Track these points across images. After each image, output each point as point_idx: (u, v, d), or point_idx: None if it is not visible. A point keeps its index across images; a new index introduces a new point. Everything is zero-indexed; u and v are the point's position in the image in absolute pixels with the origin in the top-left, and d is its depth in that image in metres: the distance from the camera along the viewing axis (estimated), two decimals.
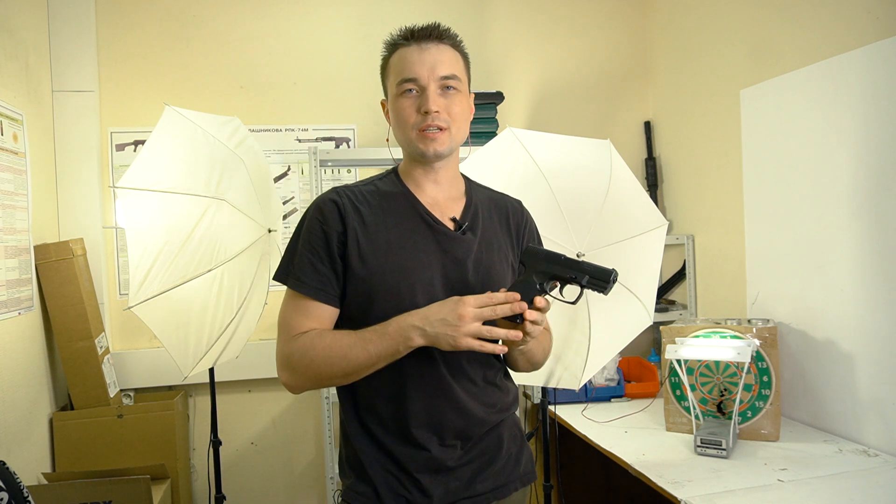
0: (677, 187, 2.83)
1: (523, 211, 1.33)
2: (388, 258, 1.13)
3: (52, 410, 2.27)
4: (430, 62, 1.14)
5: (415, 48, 1.16)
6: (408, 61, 1.15)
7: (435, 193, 1.22)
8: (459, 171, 1.29)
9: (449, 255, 1.17)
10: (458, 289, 1.14)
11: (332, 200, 1.16)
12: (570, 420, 2.30)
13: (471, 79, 1.25)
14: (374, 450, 1.16)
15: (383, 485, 1.14)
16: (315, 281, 1.13)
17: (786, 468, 1.72)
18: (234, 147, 2.01)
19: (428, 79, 1.14)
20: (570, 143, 1.83)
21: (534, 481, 1.30)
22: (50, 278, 2.19)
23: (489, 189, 1.33)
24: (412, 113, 1.15)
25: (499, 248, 1.23)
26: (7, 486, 1.50)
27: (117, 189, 1.82)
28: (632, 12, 2.98)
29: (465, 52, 1.23)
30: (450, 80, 1.15)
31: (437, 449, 1.15)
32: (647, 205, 1.87)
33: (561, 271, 1.09)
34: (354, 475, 1.18)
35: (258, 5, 2.66)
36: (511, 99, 2.80)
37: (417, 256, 1.14)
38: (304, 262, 1.14)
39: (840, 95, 1.89)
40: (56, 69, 2.43)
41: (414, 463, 1.14)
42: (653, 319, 1.83)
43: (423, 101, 1.14)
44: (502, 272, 1.22)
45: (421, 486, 1.14)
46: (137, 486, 1.92)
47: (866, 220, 1.84)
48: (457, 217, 1.21)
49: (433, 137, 1.14)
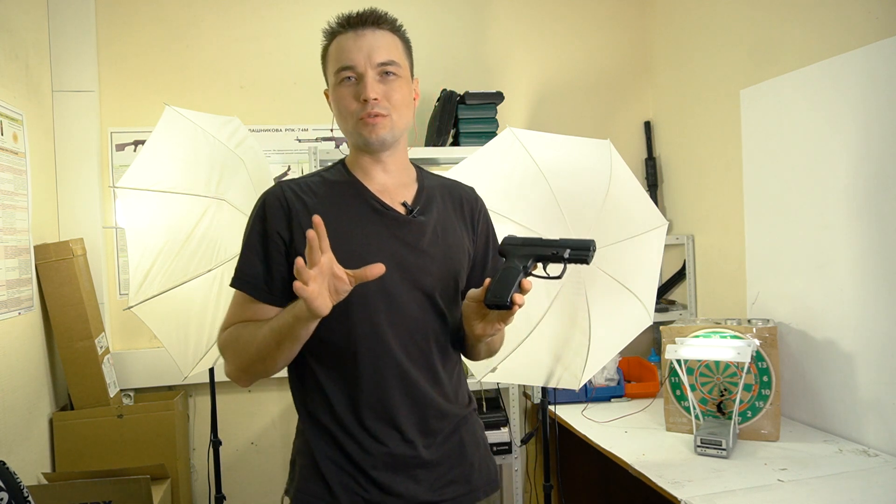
0: (677, 187, 2.83)
1: (477, 198, 1.32)
2: (337, 247, 1.05)
3: (52, 410, 2.27)
4: (366, 48, 1.12)
5: (351, 35, 1.13)
6: (345, 49, 1.13)
7: (384, 180, 1.19)
8: (409, 159, 1.27)
9: (400, 240, 1.15)
10: (413, 273, 1.13)
11: (276, 195, 1.15)
12: (570, 420, 2.30)
13: (413, 64, 1.22)
14: (328, 445, 1.13)
15: (338, 484, 1.11)
16: (250, 277, 1.12)
17: (786, 468, 1.72)
18: (234, 147, 2.01)
19: (365, 65, 1.11)
20: (570, 143, 1.83)
21: (497, 490, 1.26)
22: (50, 278, 2.19)
23: (442, 177, 1.31)
24: (351, 101, 1.13)
25: (453, 231, 1.21)
26: (7, 486, 1.50)
27: (117, 189, 1.82)
28: (632, 12, 2.98)
29: (405, 37, 1.21)
30: (388, 65, 1.13)
31: (396, 444, 1.12)
32: (647, 205, 1.87)
33: (542, 251, 1.12)
34: (305, 474, 1.14)
35: (258, 5, 2.66)
36: (511, 99, 2.80)
37: (367, 243, 1.12)
38: (243, 259, 1.13)
39: (840, 95, 1.89)
40: (56, 69, 2.43)
41: (371, 459, 1.11)
42: (653, 319, 1.83)
43: (361, 88, 1.11)
44: (458, 256, 1.20)
45: (379, 484, 1.11)
46: (137, 486, 1.92)
47: (866, 220, 1.83)
48: (408, 202, 1.19)
49: (374, 123, 1.12)
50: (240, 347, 1.10)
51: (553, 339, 1.71)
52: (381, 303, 1.11)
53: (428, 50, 2.77)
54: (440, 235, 1.19)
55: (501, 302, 1.04)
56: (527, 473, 2.77)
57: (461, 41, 2.81)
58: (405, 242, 1.15)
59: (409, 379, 1.13)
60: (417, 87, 1.23)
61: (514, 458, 2.60)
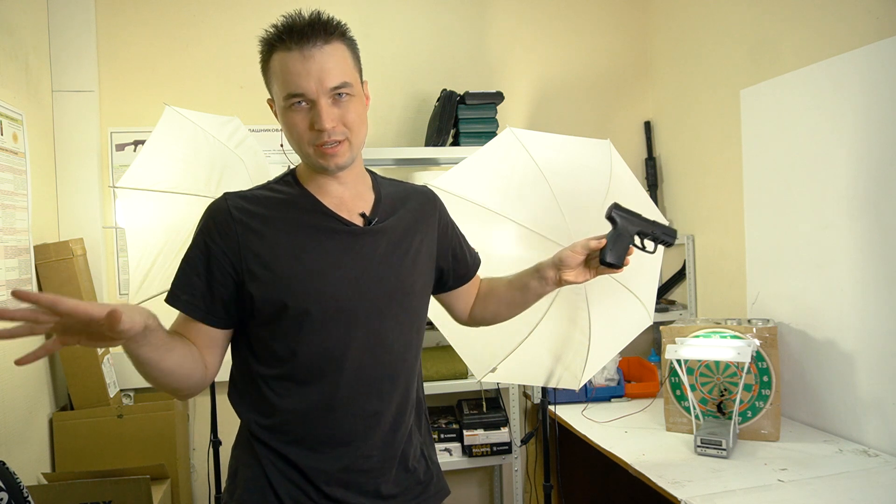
0: (677, 187, 2.83)
1: (434, 197, 1.30)
2: (293, 263, 1.07)
3: (52, 410, 2.26)
4: (316, 73, 1.02)
5: (297, 56, 1.03)
6: (292, 73, 1.03)
7: (340, 193, 1.14)
8: (364, 167, 1.22)
9: (358, 252, 1.11)
10: (372, 284, 1.11)
11: (221, 210, 1.09)
12: (570, 420, 2.30)
13: (361, 68, 1.14)
14: (277, 457, 1.10)
15: (287, 497, 1.09)
16: (186, 294, 1.07)
17: (786, 468, 1.72)
18: (234, 147, 2.01)
19: (317, 92, 1.03)
20: (570, 143, 1.83)
21: (448, 496, 1.28)
22: (50, 278, 2.19)
23: (396, 181, 1.29)
24: (305, 129, 1.05)
25: (414, 235, 1.20)
26: (7, 486, 1.50)
27: (117, 189, 1.82)
28: (632, 12, 2.99)
29: (351, 39, 1.11)
30: (341, 88, 1.05)
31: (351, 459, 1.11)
32: (647, 205, 1.87)
33: (646, 227, 1.30)
34: (251, 486, 1.11)
35: (258, 5, 2.66)
36: (511, 99, 2.80)
37: (325, 258, 1.09)
38: (181, 275, 1.08)
39: (840, 95, 1.89)
40: (56, 69, 2.43)
41: (324, 475, 1.10)
42: (653, 319, 1.83)
43: (315, 117, 1.04)
44: (420, 262, 1.19)
45: (333, 499, 1.10)
46: (137, 486, 1.92)
47: (866, 220, 1.83)
48: (366, 213, 1.15)
49: (333, 153, 1.06)
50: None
51: (553, 339, 1.71)
52: (341, 319, 1.09)
53: (428, 50, 2.78)
54: (399, 242, 1.17)
55: (619, 262, 1.24)
56: (527, 473, 2.77)
57: (461, 41, 2.81)
58: (362, 255, 1.12)
59: (370, 388, 1.12)
60: (367, 89, 1.16)
61: (514, 458, 2.60)
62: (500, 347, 1.72)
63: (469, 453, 2.55)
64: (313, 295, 1.07)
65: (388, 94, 2.75)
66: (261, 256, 1.07)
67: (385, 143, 2.74)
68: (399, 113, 2.78)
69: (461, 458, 2.55)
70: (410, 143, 2.77)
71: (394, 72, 2.74)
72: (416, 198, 1.26)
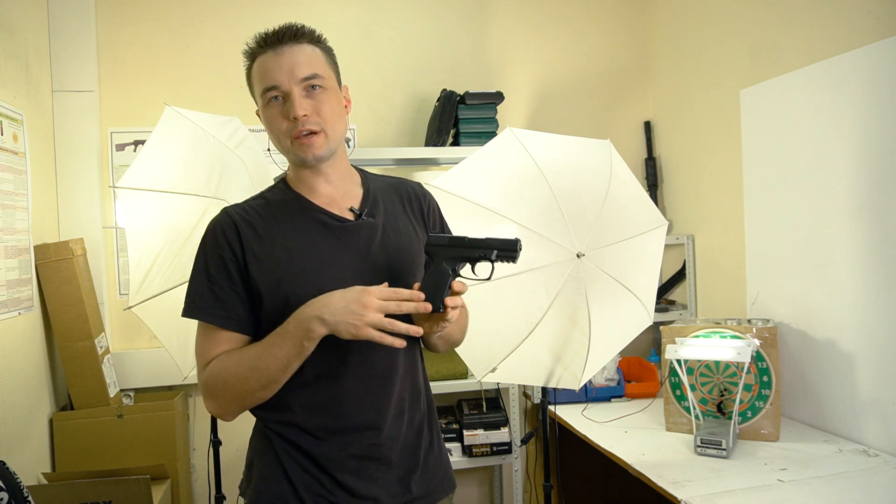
0: (677, 187, 2.83)
1: (425, 192, 1.32)
2: (291, 265, 1.11)
3: (52, 410, 2.27)
4: (287, 66, 1.11)
5: (271, 54, 1.12)
6: (266, 69, 1.12)
7: (329, 191, 1.19)
8: (351, 165, 1.27)
9: (353, 247, 1.15)
10: (369, 277, 1.12)
11: (225, 222, 1.14)
12: (570, 420, 2.30)
13: (339, 72, 1.21)
14: (291, 447, 1.14)
15: (302, 486, 1.12)
16: (216, 307, 1.11)
17: (786, 468, 1.72)
18: (234, 147, 2.01)
19: (289, 83, 1.11)
20: (570, 143, 1.83)
21: (454, 490, 1.29)
22: (50, 278, 2.19)
23: (387, 176, 1.32)
24: (282, 121, 1.12)
25: (405, 228, 1.23)
26: (7, 486, 1.50)
27: (117, 189, 1.82)
28: (632, 12, 2.99)
29: (327, 46, 1.19)
30: (312, 79, 1.12)
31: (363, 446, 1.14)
32: (647, 205, 1.87)
33: (469, 252, 1.10)
34: (266, 473, 1.15)
35: (258, 5, 2.66)
36: (511, 99, 2.80)
37: (320, 256, 1.13)
38: (204, 290, 1.12)
39: (840, 95, 1.89)
40: (56, 69, 2.43)
41: (336, 464, 1.12)
42: (653, 319, 1.83)
43: (289, 107, 1.11)
44: (412, 254, 1.21)
45: (346, 487, 1.12)
46: (137, 486, 1.92)
47: (866, 220, 1.83)
48: (356, 207, 1.19)
49: (309, 143, 1.12)
50: (231, 380, 1.09)
51: (553, 339, 1.71)
52: None
53: (428, 50, 2.78)
54: (392, 235, 1.20)
55: (434, 307, 1.05)
56: (527, 473, 2.77)
57: (461, 41, 2.81)
58: (358, 248, 1.15)
59: (374, 380, 1.15)
60: (347, 93, 1.22)
61: (514, 458, 2.60)
62: (500, 347, 1.72)
63: (469, 453, 2.55)
64: (312, 292, 1.08)
65: (388, 94, 2.75)
66: (263, 260, 1.12)
67: (385, 143, 2.74)
68: (399, 113, 2.78)
69: (461, 458, 2.55)
70: (410, 143, 2.77)
71: (394, 72, 2.73)
72: (403, 190, 1.29)
